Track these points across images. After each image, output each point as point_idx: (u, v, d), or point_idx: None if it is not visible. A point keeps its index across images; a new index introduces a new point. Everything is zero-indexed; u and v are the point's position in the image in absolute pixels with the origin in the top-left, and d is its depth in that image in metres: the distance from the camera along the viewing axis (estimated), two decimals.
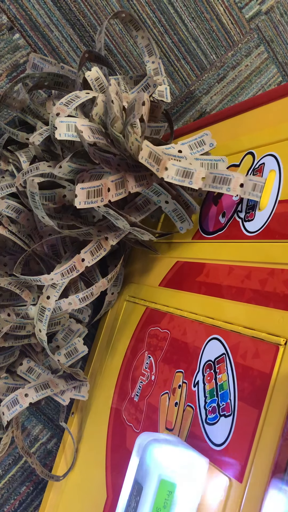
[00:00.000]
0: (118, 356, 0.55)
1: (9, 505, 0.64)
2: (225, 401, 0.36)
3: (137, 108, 0.43)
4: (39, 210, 0.46)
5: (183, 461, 0.34)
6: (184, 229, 0.50)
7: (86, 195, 0.43)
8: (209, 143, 0.49)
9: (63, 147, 0.50)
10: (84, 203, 0.43)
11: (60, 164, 0.45)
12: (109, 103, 0.44)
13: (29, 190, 0.46)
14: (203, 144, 0.49)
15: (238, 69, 0.74)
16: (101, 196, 0.44)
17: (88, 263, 0.49)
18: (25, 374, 0.56)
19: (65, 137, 0.45)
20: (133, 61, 0.68)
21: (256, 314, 0.37)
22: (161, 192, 0.48)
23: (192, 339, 0.43)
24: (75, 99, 0.48)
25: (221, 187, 0.42)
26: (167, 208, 0.49)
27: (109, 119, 0.45)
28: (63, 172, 0.46)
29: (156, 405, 0.44)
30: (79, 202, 0.43)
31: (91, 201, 0.44)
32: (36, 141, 0.49)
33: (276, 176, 0.41)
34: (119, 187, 0.45)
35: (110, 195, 0.45)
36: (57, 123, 0.45)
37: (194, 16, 0.70)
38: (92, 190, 0.44)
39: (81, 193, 0.43)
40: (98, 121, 0.47)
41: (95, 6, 0.64)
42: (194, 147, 0.49)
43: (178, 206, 0.48)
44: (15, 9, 0.61)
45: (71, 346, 0.56)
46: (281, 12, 0.75)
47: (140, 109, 0.42)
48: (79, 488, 0.54)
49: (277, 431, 0.31)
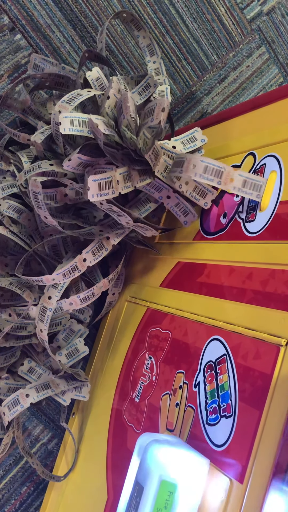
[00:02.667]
0: (119, 357, 0.55)
1: (10, 505, 0.64)
2: (226, 402, 0.36)
3: (156, 112, 0.43)
4: (41, 210, 0.46)
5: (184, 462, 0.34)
6: (189, 222, 0.49)
7: (98, 187, 0.43)
8: (201, 139, 0.50)
9: (65, 143, 0.50)
10: (97, 195, 0.43)
11: (70, 157, 0.45)
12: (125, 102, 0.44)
13: (31, 189, 0.45)
14: (194, 140, 0.50)
15: (240, 70, 0.74)
16: (112, 188, 0.44)
17: (90, 263, 0.49)
18: (26, 374, 0.56)
19: (70, 131, 0.45)
20: (134, 62, 0.68)
21: (257, 315, 0.37)
22: (162, 187, 0.48)
23: (193, 339, 0.43)
24: (77, 97, 0.48)
25: (251, 193, 0.42)
26: (169, 203, 0.49)
27: (122, 116, 0.45)
28: (72, 165, 0.46)
29: (157, 406, 0.44)
30: (92, 194, 0.43)
31: (103, 193, 0.43)
32: (38, 139, 0.49)
33: (277, 177, 0.41)
34: (126, 180, 0.45)
35: (120, 188, 0.45)
36: (61, 119, 0.45)
37: (196, 17, 0.70)
38: (104, 182, 0.43)
39: (93, 185, 0.43)
40: (110, 114, 0.48)
41: (97, 7, 0.65)
42: (187, 142, 0.50)
43: (180, 200, 0.48)
44: (17, 10, 0.61)
45: (72, 346, 0.56)
46: (282, 13, 0.75)
47: (159, 115, 0.43)
48: (79, 489, 0.54)
49: (278, 432, 0.31)
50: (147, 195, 0.51)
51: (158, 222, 0.57)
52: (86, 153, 0.47)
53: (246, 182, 0.41)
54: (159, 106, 0.43)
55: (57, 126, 0.46)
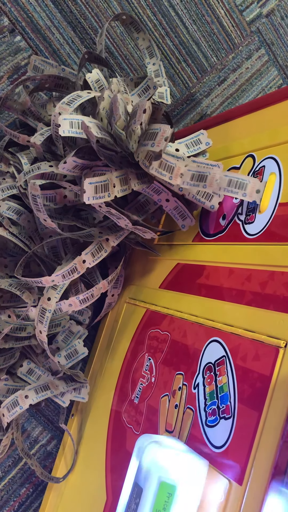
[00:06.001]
0: (118, 358, 0.55)
1: (9, 506, 0.64)
2: (225, 404, 0.36)
3: (138, 114, 0.43)
4: (41, 213, 0.46)
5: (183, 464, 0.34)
6: (186, 226, 0.49)
7: (94, 190, 0.43)
8: (205, 142, 0.50)
9: (65, 145, 0.50)
10: (92, 198, 0.43)
11: (65, 159, 0.45)
12: (115, 104, 0.44)
13: (30, 192, 0.46)
14: (199, 143, 0.50)
15: (239, 72, 0.74)
16: (108, 191, 0.44)
17: (89, 264, 0.49)
18: (25, 375, 0.56)
19: (69, 133, 0.45)
20: (133, 64, 0.68)
21: (256, 317, 0.37)
22: (161, 190, 0.48)
23: (192, 341, 0.43)
24: (77, 98, 0.48)
25: (237, 192, 0.42)
26: (168, 206, 0.49)
27: (113, 118, 0.45)
28: (67, 168, 0.46)
29: (156, 407, 0.44)
30: (88, 197, 0.43)
31: (99, 196, 0.44)
32: (37, 141, 0.50)
33: (277, 179, 0.41)
34: (123, 183, 0.46)
35: (116, 191, 0.45)
36: (60, 121, 0.45)
37: (195, 19, 0.70)
38: (100, 185, 0.44)
39: (89, 188, 0.43)
40: (104, 115, 0.48)
41: (96, 9, 0.65)
42: (191, 145, 0.50)
43: (179, 204, 0.48)
44: (17, 12, 0.61)
45: (71, 348, 0.56)
46: (281, 15, 0.75)
47: (141, 117, 0.43)
48: (78, 490, 0.54)
49: (277, 433, 0.31)
50: (146, 197, 0.51)
51: (157, 224, 0.57)
52: (85, 155, 0.47)
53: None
54: (141, 108, 0.43)
55: (57, 128, 0.46)
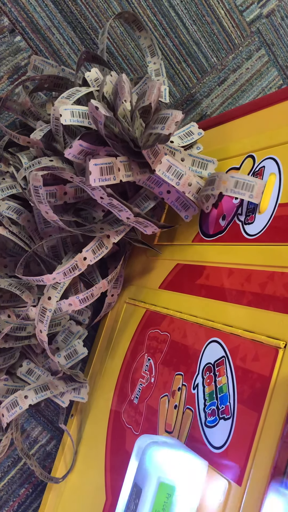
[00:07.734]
0: (117, 358, 0.55)
1: (8, 507, 0.64)
2: (225, 404, 0.36)
3: (148, 93, 0.43)
4: (43, 204, 0.46)
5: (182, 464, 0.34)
6: (190, 216, 0.49)
7: (100, 172, 0.43)
8: (197, 132, 0.50)
9: (67, 136, 0.50)
10: (98, 180, 0.43)
11: (71, 144, 0.45)
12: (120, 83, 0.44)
13: (32, 184, 0.45)
14: (191, 134, 0.50)
15: (239, 72, 0.74)
16: (113, 173, 0.44)
17: (90, 261, 0.49)
18: (25, 375, 0.56)
19: (71, 122, 0.45)
20: (134, 64, 0.68)
21: (255, 317, 0.37)
22: (162, 182, 0.48)
23: (191, 341, 0.43)
24: (76, 92, 0.48)
25: (244, 193, 0.42)
26: (169, 198, 0.49)
27: (118, 99, 0.45)
28: (73, 152, 0.46)
29: (155, 408, 0.44)
30: (94, 179, 0.43)
31: (104, 179, 0.43)
32: (37, 136, 0.50)
33: (276, 179, 0.41)
34: (127, 169, 0.45)
35: (121, 175, 0.45)
36: (61, 111, 0.46)
37: (195, 19, 0.70)
38: (105, 166, 0.43)
39: (94, 170, 0.43)
40: (108, 98, 0.48)
41: (96, 9, 0.65)
42: (184, 137, 0.50)
43: (181, 194, 0.48)
44: (17, 12, 0.61)
45: (71, 348, 0.56)
46: (282, 15, 0.75)
47: (151, 95, 0.42)
48: (78, 490, 0.54)
49: (277, 434, 0.31)
50: (147, 192, 0.51)
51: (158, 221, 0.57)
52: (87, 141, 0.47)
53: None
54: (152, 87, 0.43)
55: (57, 120, 0.46)
